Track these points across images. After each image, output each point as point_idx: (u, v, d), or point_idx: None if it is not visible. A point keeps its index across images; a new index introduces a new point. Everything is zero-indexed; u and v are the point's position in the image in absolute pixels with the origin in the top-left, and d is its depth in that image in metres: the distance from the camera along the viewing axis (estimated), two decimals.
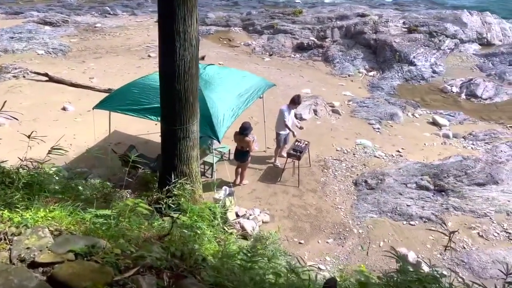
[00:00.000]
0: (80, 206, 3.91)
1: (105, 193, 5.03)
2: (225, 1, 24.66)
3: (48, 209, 3.23)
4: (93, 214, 3.29)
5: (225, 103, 7.42)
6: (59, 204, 3.92)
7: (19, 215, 3.06)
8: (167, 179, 4.82)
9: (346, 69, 14.98)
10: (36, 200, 4.07)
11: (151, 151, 9.30)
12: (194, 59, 4.41)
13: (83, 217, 3.23)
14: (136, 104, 7.49)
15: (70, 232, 2.89)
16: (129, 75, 13.52)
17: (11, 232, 2.76)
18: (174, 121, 4.63)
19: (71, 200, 4.44)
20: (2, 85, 12.08)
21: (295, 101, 8.89)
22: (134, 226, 3.23)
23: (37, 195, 4.37)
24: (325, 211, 8.10)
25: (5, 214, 3.08)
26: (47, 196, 4.13)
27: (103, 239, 2.80)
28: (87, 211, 3.37)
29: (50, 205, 3.89)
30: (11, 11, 19.98)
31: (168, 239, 2.82)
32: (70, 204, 3.62)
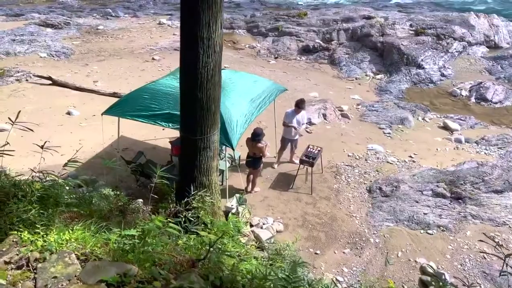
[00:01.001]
0: (98, 223, 3.70)
1: (121, 205, 4.80)
2: (227, 3, 24.45)
3: (70, 229, 3.00)
4: (118, 234, 3.06)
5: (238, 109, 7.20)
6: (79, 221, 3.70)
7: (40, 237, 2.84)
8: (186, 191, 4.60)
9: (353, 72, 14.80)
10: (52, 215, 3.85)
11: (160, 158, 9.08)
12: (217, 66, 4.20)
13: (108, 238, 3.00)
14: (147, 110, 7.26)
15: (96, 257, 2.67)
16: (134, 78, 13.32)
17: (34, 257, 2.53)
18: (194, 131, 4.41)
19: (87, 214, 4.23)
20: (5, 88, 11.84)
21: (299, 106, 8.67)
22: (159, 246, 3.00)
23: (52, 209, 4.15)
24: (340, 219, 7.89)
25: (25, 235, 2.85)
26: (63, 210, 3.90)
27: (132, 264, 2.58)
28: (111, 231, 3.14)
29: (68, 221, 3.67)
30: (12, 13, 19.72)
31: (204, 264, 2.60)
32: (91, 221, 3.39)
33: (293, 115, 8.72)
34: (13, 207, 4.05)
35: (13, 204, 4.09)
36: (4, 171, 5.54)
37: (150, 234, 2.98)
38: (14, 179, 4.70)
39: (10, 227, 3.72)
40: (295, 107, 8.72)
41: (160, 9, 22.44)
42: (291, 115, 8.73)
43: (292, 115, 8.72)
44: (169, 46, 16.22)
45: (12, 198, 4.20)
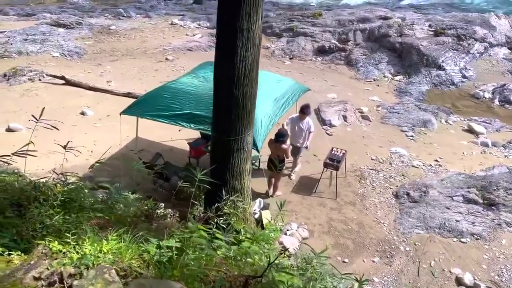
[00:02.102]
0: (127, 230, 3.38)
1: (146, 210, 4.49)
2: None
3: (105, 239, 2.68)
4: (156, 245, 2.74)
5: (262, 109, 6.87)
6: (108, 228, 3.39)
7: (72, 248, 2.52)
8: (217, 195, 4.28)
9: (371, 73, 14.43)
10: (79, 221, 3.54)
11: (177, 159, 8.79)
12: (256, 61, 3.87)
13: (146, 250, 2.68)
14: (167, 110, 6.97)
15: (136, 272, 2.34)
16: (148, 78, 13.06)
17: (68, 272, 2.22)
18: (228, 131, 4.08)
19: (114, 220, 3.92)
20: (18, 88, 11.61)
21: (304, 111, 8.03)
22: (203, 259, 2.67)
23: (75, 214, 3.85)
24: (367, 226, 7.52)
25: (54, 246, 2.54)
26: (90, 216, 3.59)
27: (179, 282, 2.25)
28: (149, 242, 2.81)
29: (97, 229, 3.36)
30: (23, 13, 19.58)
31: (258, 282, 2.27)
32: (123, 230, 3.07)
33: (296, 122, 8.12)
34: (34, 211, 3.75)
35: (35, 208, 3.80)
36: (19, 172, 5.27)
37: (192, 246, 2.65)
38: (35, 181, 4.40)
39: (33, 234, 3.42)
40: (300, 113, 8.11)
41: (171, 9, 22.23)
42: (294, 121, 8.11)
43: (296, 122, 8.12)
44: (183, 47, 15.96)
45: (33, 202, 3.91)
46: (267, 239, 3.51)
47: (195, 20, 19.40)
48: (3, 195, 3.59)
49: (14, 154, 3.83)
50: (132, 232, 3.30)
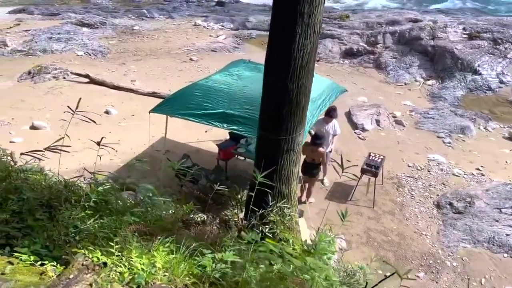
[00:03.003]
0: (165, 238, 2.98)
1: (183, 214, 4.09)
2: (261, 6, 23.90)
3: (154, 251, 2.27)
4: (211, 258, 2.32)
5: None
6: (147, 236, 3.00)
7: (118, 259, 2.13)
8: (262, 201, 3.86)
9: (402, 77, 13.86)
10: (117, 226, 3.16)
11: (204, 161, 8.42)
12: (314, 50, 3.46)
13: (201, 265, 2.27)
14: (199, 109, 6.60)
15: None
16: (172, 78, 12.79)
17: None
18: (278, 129, 3.65)
19: (151, 226, 3.53)
20: (42, 86, 11.45)
21: (330, 114, 7.58)
22: (267, 275, 2.24)
23: (110, 218, 3.48)
24: (408, 237, 7.00)
25: (97, 256, 2.15)
26: (129, 222, 3.21)
27: None
28: (204, 256, 2.39)
29: (136, 235, 2.96)
30: (48, 12, 19.62)
31: None
32: (170, 239, 2.67)
33: (321, 125, 7.64)
34: (65, 213, 3.39)
35: (66, 210, 3.44)
36: (44, 170, 4.95)
37: (253, 260, 2.22)
38: (66, 180, 4.06)
39: (66, 239, 3.05)
40: (325, 116, 7.63)
41: (194, 11, 22.03)
42: (319, 124, 7.60)
43: (321, 125, 7.63)
44: (207, 47, 15.66)
45: (64, 203, 3.55)
46: (326, 252, 3.07)
47: (219, 21, 19.12)
48: (33, 195, 3.24)
49: (47, 149, 3.48)
50: (177, 240, 2.91)
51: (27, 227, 2.99)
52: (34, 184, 3.91)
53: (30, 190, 3.41)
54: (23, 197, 3.28)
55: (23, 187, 3.48)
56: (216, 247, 2.70)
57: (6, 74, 12.04)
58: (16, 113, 10.00)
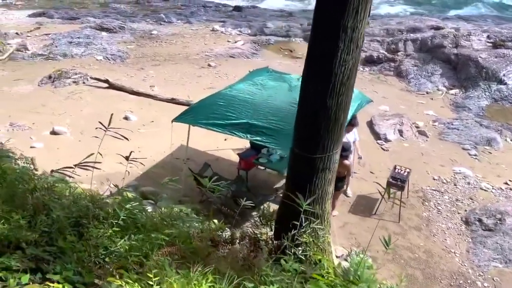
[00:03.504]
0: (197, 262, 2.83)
1: (212, 232, 3.94)
2: (279, 12, 23.80)
3: (195, 282, 2.12)
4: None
5: None
6: (182, 260, 2.86)
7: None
8: (294, 221, 3.69)
9: (423, 86, 13.56)
10: (149, 248, 3.03)
11: (224, 170, 8.28)
12: (356, 66, 3.29)
13: None
14: (222, 119, 6.48)
15: None
16: (191, 84, 12.73)
17: None
18: (313, 147, 3.49)
19: (182, 245, 3.39)
20: (62, 90, 11.48)
21: (350, 122, 7.31)
22: None
23: (138, 236, 3.36)
24: (436, 255, 6.75)
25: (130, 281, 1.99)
26: (161, 243, 3.07)
27: None
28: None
29: (169, 259, 2.82)
30: (67, 16, 19.79)
31: None
32: (207, 270, 2.52)
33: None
34: (93, 232, 3.27)
35: (94, 228, 3.32)
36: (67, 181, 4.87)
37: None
38: (93, 195, 3.96)
39: (96, 260, 2.93)
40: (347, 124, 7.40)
41: (212, 16, 22.01)
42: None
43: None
44: (225, 53, 15.58)
45: (92, 220, 3.44)
46: (370, 282, 2.88)
47: (236, 27, 19.05)
48: (63, 213, 3.13)
49: (78, 165, 3.37)
50: (209, 266, 2.75)
51: (56, 247, 2.88)
52: (61, 198, 3.82)
53: (59, 207, 3.30)
54: (51, 215, 3.17)
55: (51, 202, 3.38)
56: (255, 276, 2.54)
57: (27, 78, 12.12)
58: (36, 117, 10.02)
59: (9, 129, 9.38)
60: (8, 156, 4.99)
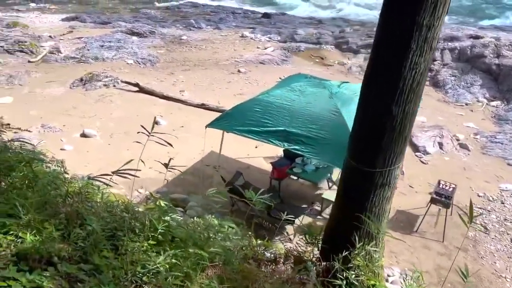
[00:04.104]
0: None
1: (253, 250, 3.61)
2: (308, 19, 23.50)
3: None
4: None
5: None
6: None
7: None
8: (345, 240, 3.32)
9: (462, 97, 12.94)
10: (191, 268, 2.73)
11: (255, 179, 7.97)
12: (427, 71, 2.92)
13: None
14: (258, 126, 6.19)
15: None
16: (221, 90, 12.53)
17: None
18: (373, 160, 3.12)
19: (223, 265, 3.08)
20: (93, 93, 11.46)
21: None
22: None
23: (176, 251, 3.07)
24: (486, 279, 6.22)
25: None
26: (203, 263, 2.76)
27: None
28: None
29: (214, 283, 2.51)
30: (99, 21, 20.05)
31: None
32: None
33: None
34: (129, 245, 3.00)
35: (130, 241, 3.05)
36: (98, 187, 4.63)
37: None
38: (127, 203, 3.70)
39: (133, 279, 2.64)
40: None
41: (241, 22, 21.91)
42: None
43: None
44: (255, 59, 15.36)
45: (127, 233, 3.16)
46: None
47: (266, 33, 18.86)
48: (99, 224, 2.86)
49: (115, 173, 3.11)
50: None
51: (91, 263, 2.61)
52: (93, 206, 3.57)
53: (94, 217, 3.04)
54: (86, 226, 2.92)
55: (84, 210, 3.13)
56: None
57: (59, 80, 12.19)
58: (67, 119, 9.99)
59: (41, 130, 9.36)
60: (40, 160, 4.81)
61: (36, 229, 2.64)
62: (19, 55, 14.08)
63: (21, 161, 4.80)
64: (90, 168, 8.17)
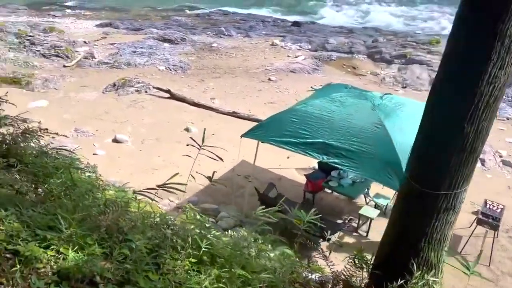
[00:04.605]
0: None
1: (298, 275, 3.38)
2: (338, 28, 23.21)
3: None
4: None
5: None
6: None
7: None
8: (402, 268, 3.04)
9: (503, 111, 12.35)
10: None
11: (287, 191, 7.73)
12: (505, 85, 2.64)
13: None
14: (295, 137, 5.96)
15: None
16: (252, 98, 12.40)
17: None
18: (438, 182, 2.82)
19: None
20: (125, 98, 11.53)
21: None
22: None
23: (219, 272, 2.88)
24: None
25: None
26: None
27: None
28: None
29: None
30: (132, 27, 20.37)
31: None
32: None
33: None
34: (170, 264, 2.82)
35: (171, 259, 2.87)
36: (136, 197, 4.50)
37: None
38: (167, 217, 3.53)
39: None
40: None
41: (271, 30, 21.83)
42: None
43: None
44: (285, 68, 15.19)
45: (168, 250, 2.98)
46: None
47: (296, 42, 18.69)
48: (141, 241, 2.69)
49: (161, 186, 2.96)
50: None
51: (133, 284, 2.45)
52: (132, 219, 3.42)
53: (136, 232, 2.88)
54: (128, 241, 2.76)
55: (125, 226, 2.97)
56: None
57: (93, 85, 12.34)
58: (100, 124, 10.05)
59: (74, 134, 9.43)
60: (77, 167, 4.73)
61: (78, 244, 2.49)
62: (54, 60, 14.39)
63: (58, 167, 4.72)
64: (122, 173, 8.14)
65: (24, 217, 2.75)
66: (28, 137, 5.00)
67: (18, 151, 4.73)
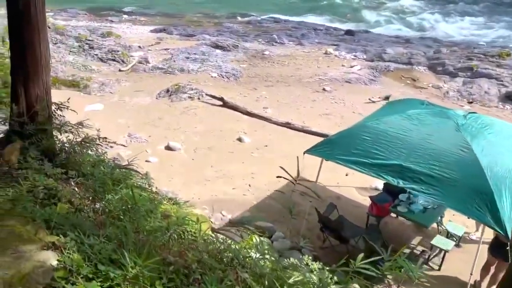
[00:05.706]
0: None
1: None
2: (394, 38, 22.22)
3: None
4: None
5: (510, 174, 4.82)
6: None
7: None
8: None
9: None
10: None
11: (350, 214, 7.15)
12: None
13: None
14: (366, 156, 5.40)
15: None
16: (305, 108, 11.91)
17: None
18: None
19: None
20: (178, 105, 11.41)
21: None
22: None
23: None
24: None
25: None
26: None
27: None
28: None
29: None
30: (185, 33, 20.52)
31: None
32: None
33: None
34: None
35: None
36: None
37: None
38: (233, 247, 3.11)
39: None
40: None
41: (323, 39, 21.24)
42: None
43: None
44: (340, 78, 14.56)
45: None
46: None
47: (351, 51, 18.00)
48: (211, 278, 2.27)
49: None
50: None
51: None
52: (196, 249, 3.02)
53: (206, 268, 2.48)
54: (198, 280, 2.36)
55: (193, 263, 2.57)
56: None
57: (147, 90, 12.36)
58: (153, 130, 9.94)
59: (127, 139, 9.36)
60: (134, 182, 4.47)
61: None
62: (111, 64, 14.64)
63: (115, 180, 4.47)
64: (175, 183, 7.90)
65: (85, 245, 2.44)
66: (87, 146, 4.80)
67: (76, 160, 4.53)
